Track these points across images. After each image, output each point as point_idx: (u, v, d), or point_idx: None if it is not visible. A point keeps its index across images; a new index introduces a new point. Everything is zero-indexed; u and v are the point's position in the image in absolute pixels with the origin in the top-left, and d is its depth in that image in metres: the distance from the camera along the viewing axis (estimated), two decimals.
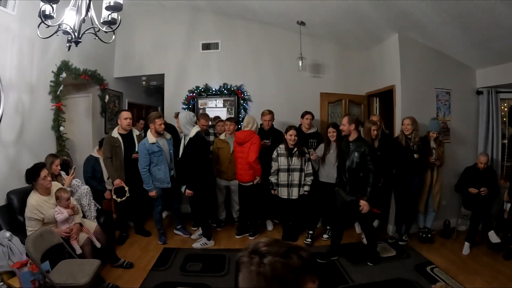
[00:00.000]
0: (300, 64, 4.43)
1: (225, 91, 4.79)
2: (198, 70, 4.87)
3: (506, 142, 4.23)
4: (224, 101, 4.84)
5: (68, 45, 2.10)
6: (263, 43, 4.83)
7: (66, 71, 3.70)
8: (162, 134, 3.53)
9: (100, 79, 4.50)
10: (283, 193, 3.60)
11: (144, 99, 6.47)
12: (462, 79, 4.17)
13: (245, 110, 4.75)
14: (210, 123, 4.19)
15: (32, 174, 2.55)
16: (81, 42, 2.04)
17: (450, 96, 4.12)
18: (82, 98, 4.61)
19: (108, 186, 3.70)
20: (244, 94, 4.77)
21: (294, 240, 3.71)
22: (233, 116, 4.67)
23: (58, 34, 2.07)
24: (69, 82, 4.01)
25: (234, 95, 4.80)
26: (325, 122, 4.67)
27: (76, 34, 1.99)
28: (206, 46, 4.88)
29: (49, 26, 1.94)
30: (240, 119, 4.54)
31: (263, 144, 3.82)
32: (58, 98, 3.60)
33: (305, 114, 3.99)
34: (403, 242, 3.63)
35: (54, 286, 2.08)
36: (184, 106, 4.81)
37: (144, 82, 5.77)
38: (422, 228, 3.81)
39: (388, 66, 4.20)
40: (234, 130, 3.89)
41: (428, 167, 3.65)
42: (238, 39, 4.84)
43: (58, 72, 3.59)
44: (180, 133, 3.76)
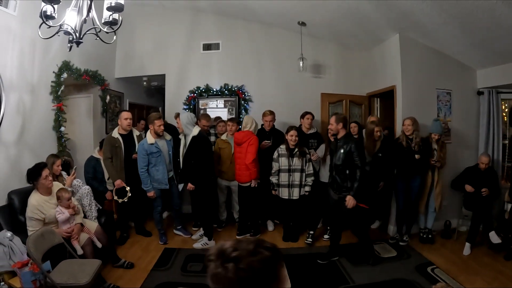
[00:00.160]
0: (300, 64, 4.43)
1: (226, 92, 4.79)
2: (199, 71, 4.87)
3: (507, 142, 4.23)
4: (225, 101, 4.84)
5: (69, 45, 2.10)
6: (264, 44, 4.83)
7: (67, 72, 3.71)
8: (162, 135, 3.53)
9: (101, 80, 4.51)
10: (284, 193, 3.60)
11: (145, 100, 6.47)
12: (462, 80, 4.17)
13: (246, 110, 4.75)
14: (211, 124, 4.19)
15: (33, 174, 2.56)
16: (82, 42, 2.04)
17: (451, 96, 4.11)
18: (83, 98, 4.61)
19: (109, 186, 3.70)
20: (245, 95, 4.77)
21: (295, 240, 3.71)
22: (234, 116, 4.67)
23: (59, 35, 2.08)
24: (70, 83, 4.01)
25: (235, 96, 4.80)
26: (325, 123, 4.65)
27: (77, 34, 1.99)
28: (207, 47, 4.88)
29: (50, 26, 1.94)
30: (241, 120, 4.54)
31: (264, 144, 3.82)
32: (59, 98, 3.60)
33: (305, 114, 3.99)
34: (404, 243, 3.62)
35: (55, 286, 2.08)
36: (185, 107, 4.82)
37: (145, 83, 5.78)
38: (422, 228, 3.81)
39: (388, 67, 4.21)
40: (236, 131, 3.90)
41: (429, 168, 3.64)
42: (239, 40, 4.84)
43: (59, 72, 3.59)
44: (180, 133, 3.76)
